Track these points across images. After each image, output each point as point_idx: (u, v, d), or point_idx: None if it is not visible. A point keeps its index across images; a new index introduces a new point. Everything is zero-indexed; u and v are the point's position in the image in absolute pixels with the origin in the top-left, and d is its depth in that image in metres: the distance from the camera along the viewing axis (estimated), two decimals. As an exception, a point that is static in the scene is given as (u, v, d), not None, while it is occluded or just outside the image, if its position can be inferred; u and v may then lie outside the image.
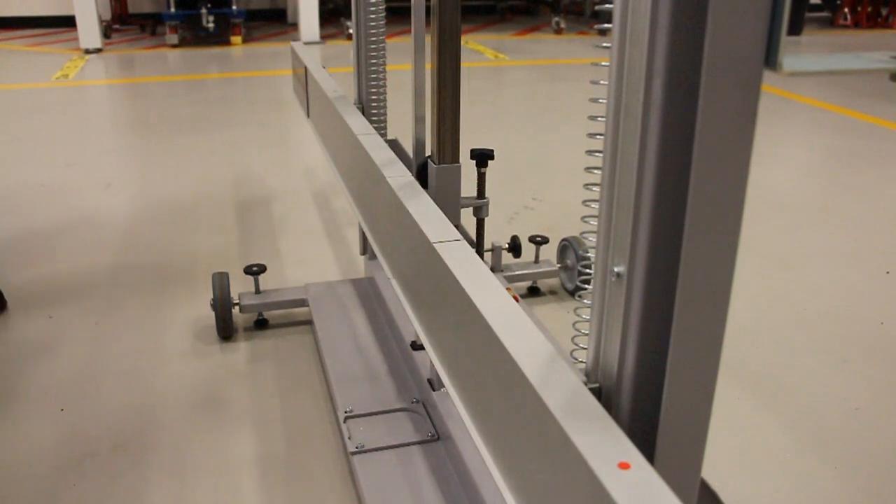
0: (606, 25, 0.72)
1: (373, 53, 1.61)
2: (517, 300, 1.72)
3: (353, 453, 1.23)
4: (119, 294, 1.27)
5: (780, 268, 2.15)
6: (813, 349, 1.73)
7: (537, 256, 2.00)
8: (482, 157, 1.51)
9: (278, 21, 7.06)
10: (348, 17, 6.52)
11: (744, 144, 0.59)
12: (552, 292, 2.00)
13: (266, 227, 2.40)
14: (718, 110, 0.58)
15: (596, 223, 0.79)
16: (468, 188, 1.34)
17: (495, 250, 1.91)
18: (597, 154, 0.80)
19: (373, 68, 1.62)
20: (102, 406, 1.49)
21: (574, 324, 0.93)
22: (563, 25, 6.94)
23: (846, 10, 7.32)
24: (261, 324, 1.78)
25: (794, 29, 6.47)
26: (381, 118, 1.66)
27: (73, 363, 1.63)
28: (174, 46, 5.85)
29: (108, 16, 6.73)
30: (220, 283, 1.69)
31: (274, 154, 3.14)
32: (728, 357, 1.67)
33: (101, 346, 1.70)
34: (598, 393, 0.77)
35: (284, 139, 3.40)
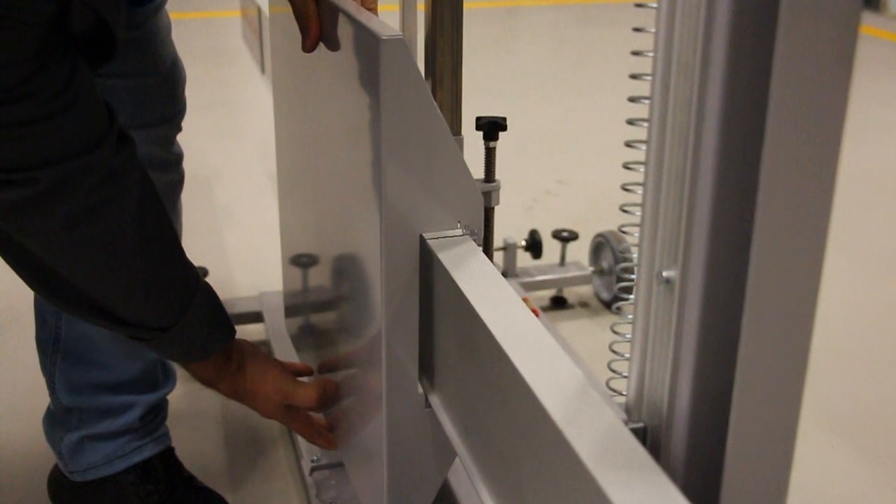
0: (654, -46, 0.72)
1: (348, -10, 1.62)
2: (537, 314, 1.72)
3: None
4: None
5: (889, 273, 2.15)
6: (927, 379, 1.73)
7: (563, 257, 2.01)
8: (492, 128, 1.51)
9: (223, -52, 7.07)
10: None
11: (835, 109, 0.59)
12: (583, 304, 2.00)
13: (208, 218, 2.40)
14: (801, 64, 0.58)
15: (639, 214, 0.79)
16: (474, 168, 1.34)
17: (509, 249, 1.91)
18: (641, 124, 0.80)
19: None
20: None
21: (611, 345, 0.94)
22: (597, -47, 6.95)
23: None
24: (200, 346, 1.78)
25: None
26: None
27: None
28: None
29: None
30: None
31: (217, 123, 3.15)
32: (815, 389, 1.67)
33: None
34: (642, 434, 0.77)
35: (231, 103, 3.41)
